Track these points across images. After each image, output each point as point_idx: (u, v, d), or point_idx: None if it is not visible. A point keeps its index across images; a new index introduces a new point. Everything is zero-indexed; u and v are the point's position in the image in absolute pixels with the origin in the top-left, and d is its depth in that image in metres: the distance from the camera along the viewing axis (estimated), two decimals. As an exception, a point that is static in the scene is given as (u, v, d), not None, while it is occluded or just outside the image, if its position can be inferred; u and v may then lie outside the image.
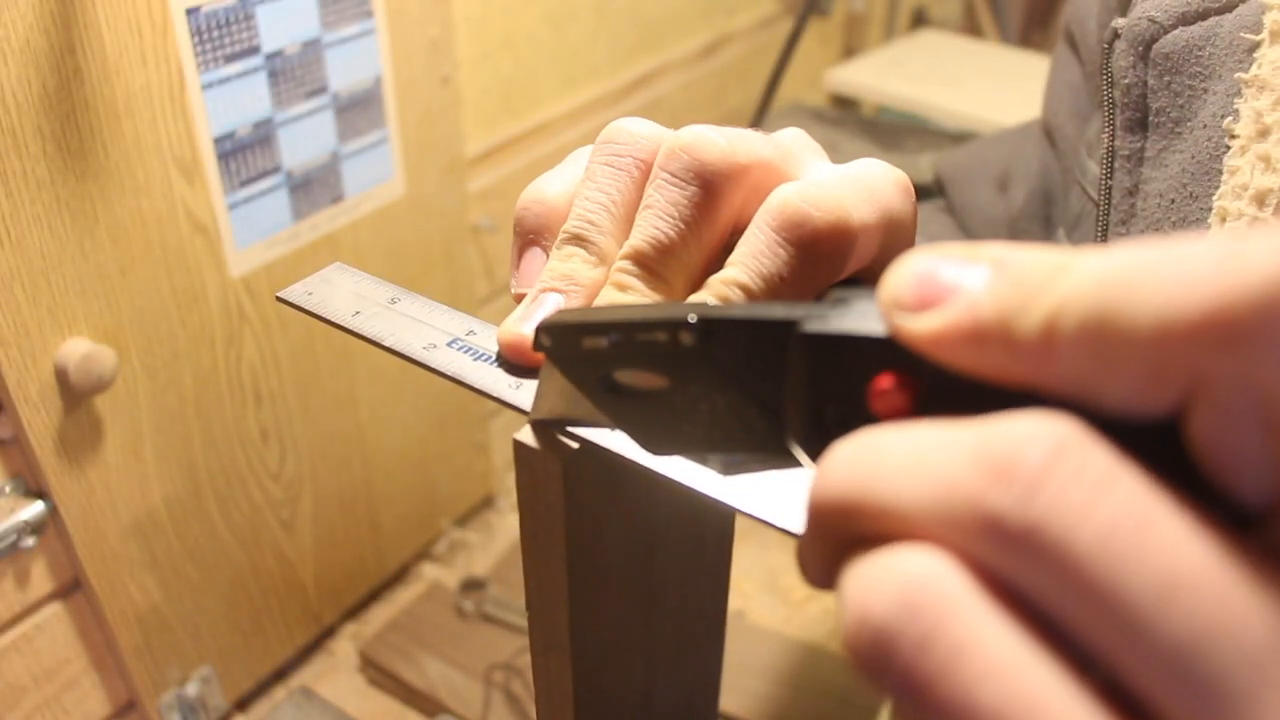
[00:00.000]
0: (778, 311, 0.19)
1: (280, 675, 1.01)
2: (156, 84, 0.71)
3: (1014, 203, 0.54)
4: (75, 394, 0.72)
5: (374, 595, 1.09)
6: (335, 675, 1.01)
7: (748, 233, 0.26)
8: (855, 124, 1.38)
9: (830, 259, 0.26)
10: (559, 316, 0.24)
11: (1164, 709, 0.13)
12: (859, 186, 0.27)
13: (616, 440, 0.26)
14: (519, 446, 0.27)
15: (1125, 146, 0.40)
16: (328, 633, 1.05)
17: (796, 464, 0.21)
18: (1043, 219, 0.52)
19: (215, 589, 0.89)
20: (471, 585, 1.07)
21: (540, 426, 0.27)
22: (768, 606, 1.07)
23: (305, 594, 0.99)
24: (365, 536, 1.05)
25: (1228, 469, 0.14)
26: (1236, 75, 0.35)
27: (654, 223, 0.27)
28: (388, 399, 1.01)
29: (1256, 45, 0.35)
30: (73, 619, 0.79)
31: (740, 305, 0.21)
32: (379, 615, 1.07)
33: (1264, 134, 0.34)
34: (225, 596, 0.91)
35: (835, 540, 0.16)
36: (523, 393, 0.28)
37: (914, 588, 0.14)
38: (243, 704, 0.97)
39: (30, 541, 0.72)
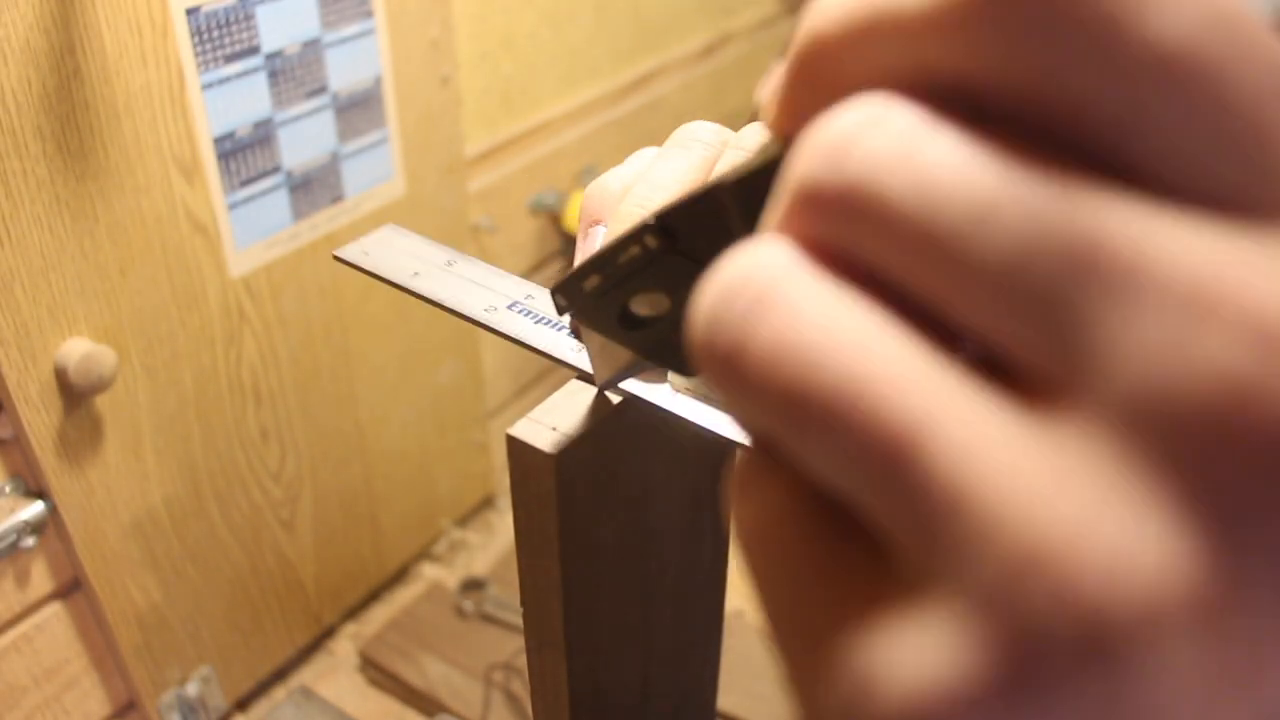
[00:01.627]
0: (712, 179, 0.20)
1: (280, 675, 1.01)
2: (156, 84, 0.71)
3: None
4: (75, 394, 0.72)
5: (374, 595, 1.09)
6: (335, 675, 1.01)
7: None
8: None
9: None
10: (563, 274, 0.26)
11: (1005, 345, 0.12)
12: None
13: (668, 398, 0.27)
14: (511, 441, 0.27)
15: None
16: (328, 633, 1.05)
17: None
18: None
19: (215, 589, 0.89)
20: (471, 585, 1.07)
21: (609, 389, 0.29)
22: (768, 607, 1.07)
23: (305, 594, 0.99)
24: (365, 536, 1.05)
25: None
26: None
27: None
28: (388, 399, 1.01)
29: None
30: (73, 619, 0.79)
31: (689, 192, 0.22)
32: (379, 615, 1.07)
33: None
34: (225, 596, 0.91)
35: None
36: (585, 356, 0.29)
37: (750, 263, 0.14)
38: (243, 704, 0.97)
39: (30, 541, 0.72)
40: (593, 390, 0.29)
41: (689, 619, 0.40)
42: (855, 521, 0.13)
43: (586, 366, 0.29)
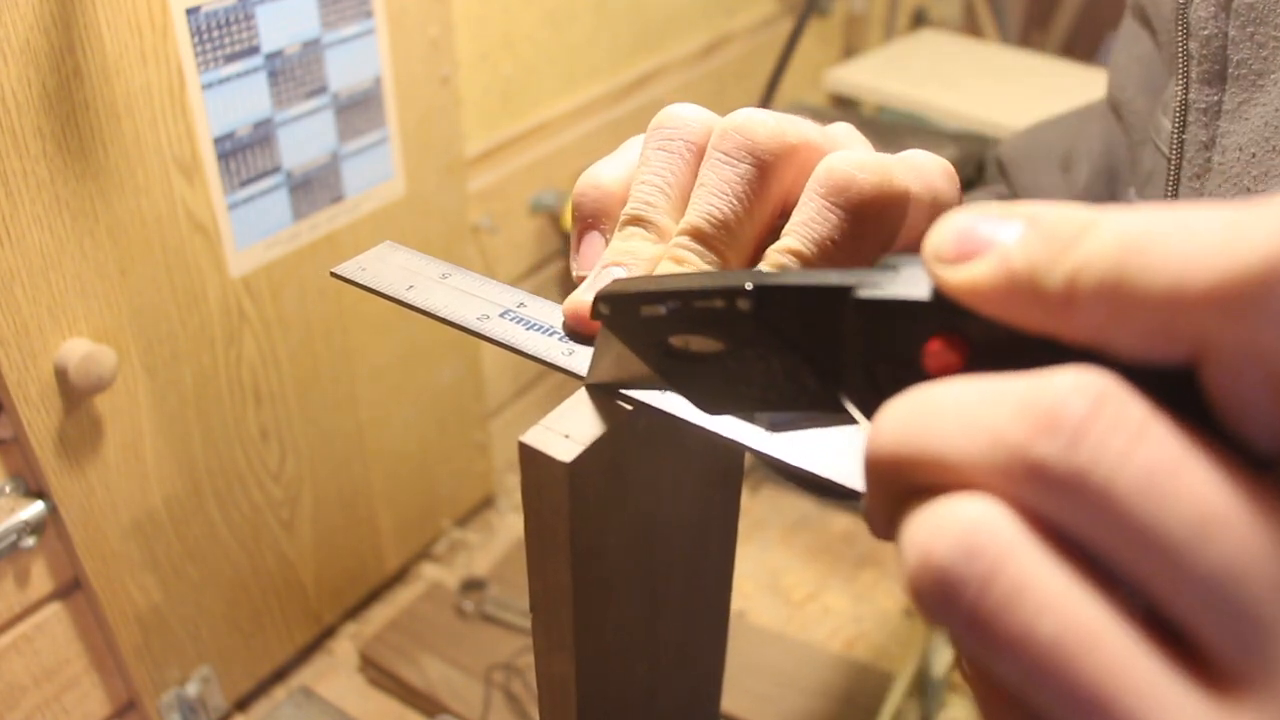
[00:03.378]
0: (832, 278, 0.20)
1: (280, 675, 1.01)
2: (156, 84, 0.71)
3: (1077, 182, 0.54)
4: (75, 394, 0.72)
5: (374, 595, 1.09)
6: (335, 675, 1.01)
7: (799, 203, 0.27)
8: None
9: (878, 220, 0.27)
10: (616, 286, 0.26)
11: (1201, 635, 0.14)
12: (904, 162, 0.29)
13: (669, 401, 0.27)
14: (524, 449, 0.27)
15: (1201, 100, 0.39)
16: (328, 633, 1.05)
17: (847, 420, 0.22)
18: (1107, 198, 0.52)
19: (215, 589, 0.89)
20: (471, 585, 1.07)
21: (596, 390, 0.29)
22: (769, 607, 1.07)
23: (305, 594, 0.99)
24: (365, 536, 1.05)
25: (1241, 419, 0.15)
26: None
27: (709, 199, 0.28)
28: (388, 399, 1.01)
29: None
30: (73, 619, 0.79)
31: (795, 272, 0.22)
32: (379, 615, 1.07)
33: None
34: (225, 596, 0.91)
35: (894, 492, 0.17)
36: (575, 359, 0.30)
37: (972, 531, 0.15)
38: (243, 704, 0.97)
39: (30, 541, 0.72)
40: (605, 397, 0.29)
41: (695, 621, 0.40)
42: None
43: (576, 369, 0.30)
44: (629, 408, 0.28)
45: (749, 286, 0.22)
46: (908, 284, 0.19)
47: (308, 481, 0.95)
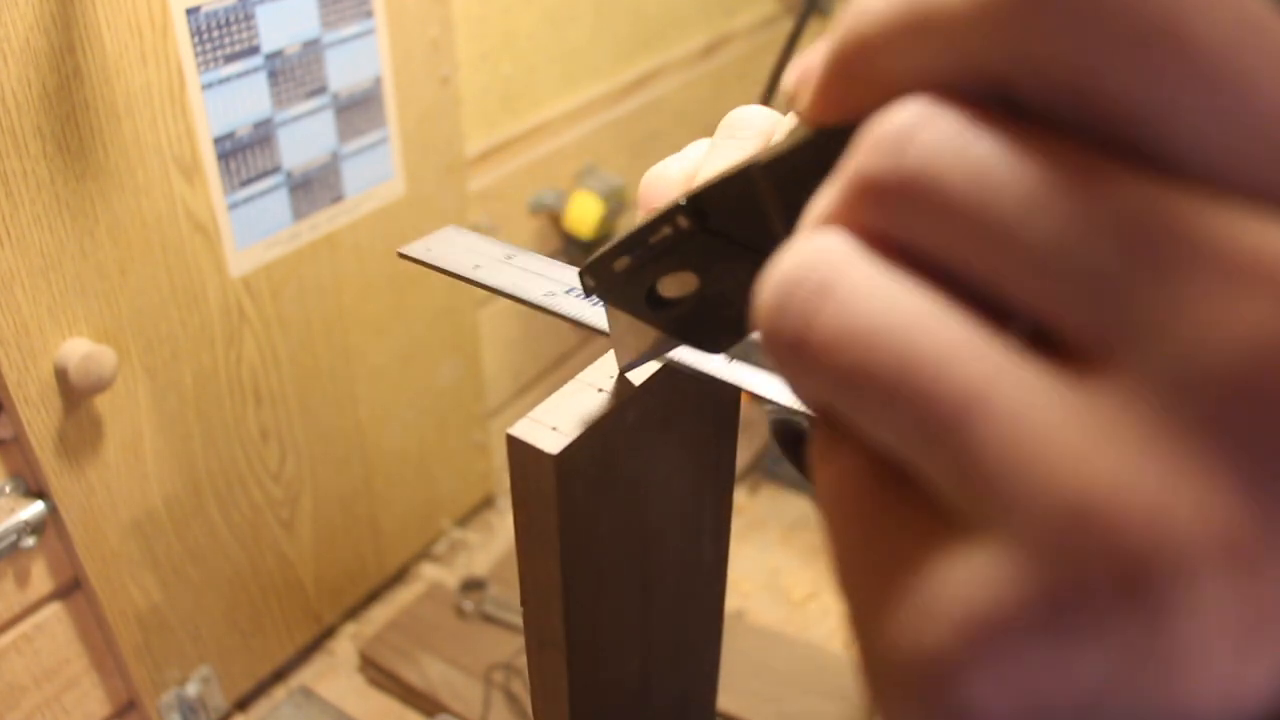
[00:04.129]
0: (742, 160, 0.21)
1: (280, 675, 1.01)
2: (156, 84, 0.71)
3: None
4: (75, 394, 0.72)
5: (374, 595, 1.09)
6: (335, 675, 1.01)
7: None
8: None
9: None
10: (592, 255, 0.26)
11: (1054, 316, 0.13)
12: None
13: (701, 360, 0.28)
14: (512, 441, 0.27)
15: None
16: (328, 633, 1.05)
17: None
18: None
19: (215, 589, 0.89)
20: (471, 585, 1.07)
21: (631, 371, 0.30)
22: (767, 606, 1.07)
23: (305, 594, 0.99)
24: (365, 536, 1.05)
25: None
26: None
27: None
28: (388, 399, 1.01)
29: None
30: (73, 619, 0.79)
31: (719, 172, 0.22)
32: (379, 615, 1.07)
33: None
34: (225, 596, 0.91)
35: None
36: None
37: (811, 251, 0.15)
38: (243, 704, 0.97)
39: (30, 541, 0.72)
40: (594, 390, 0.29)
41: (689, 618, 0.40)
42: (917, 481, 0.15)
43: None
44: (618, 399, 0.29)
45: (682, 202, 0.23)
46: (794, 133, 0.19)
47: (308, 481, 0.95)
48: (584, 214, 1.13)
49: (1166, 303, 0.12)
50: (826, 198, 0.16)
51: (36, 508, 0.73)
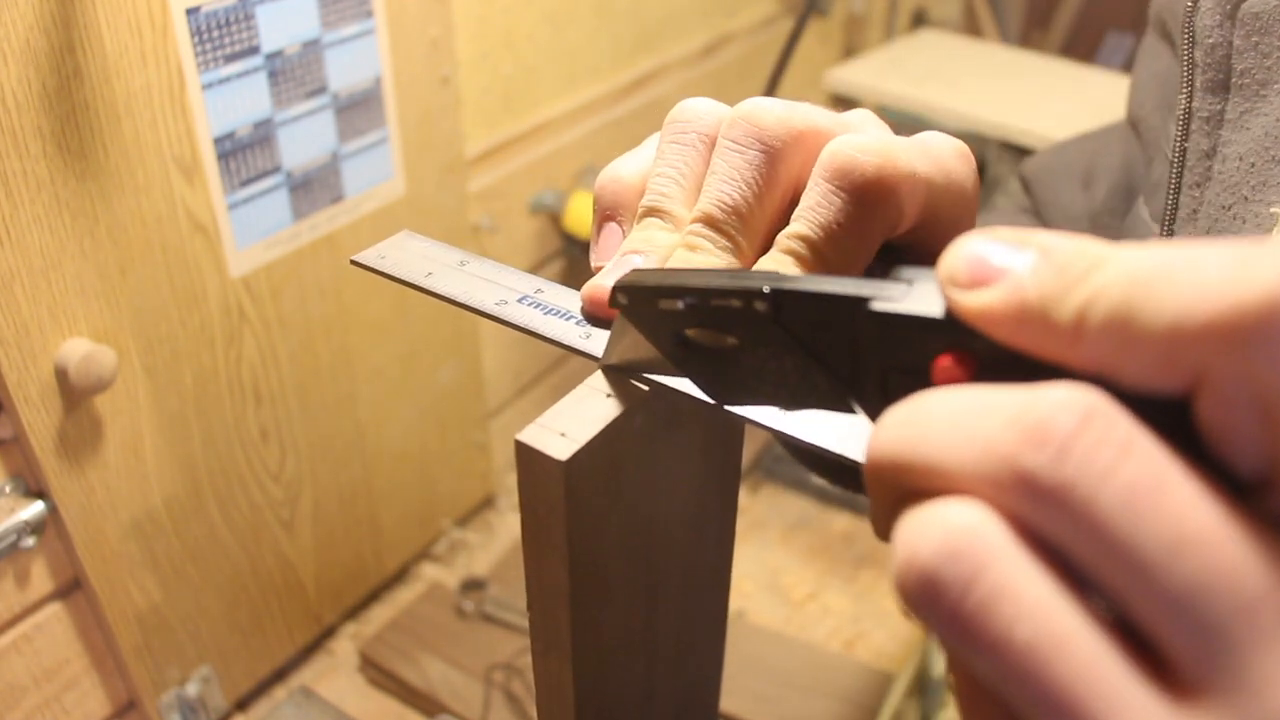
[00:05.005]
0: (848, 287, 0.21)
1: (280, 675, 1.01)
2: (156, 84, 0.71)
3: (1096, 198, 0.55)
4: (75, 394, 0.72)
5: (374, 595, 1.09)
6: (335, 675, 1.01)
7: (807, 188, 0.28)
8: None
9: (883, 202, 0.27)
10: (636, 277, 0.26)
11: (1167, 646, 0.15)
12: (914, 144, 0.29)
13: (683, 384, 0.28)
14: (520, 447, 0.27)
15: (1204, 108, 0.39)
16: (328, 633, 1.05)
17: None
18: (1124, 213, 0.52)
19: (215, 589, 0.89)
20: (471, 585, 1.07)
21: (611, 371, 0.30)
22: (768, 607, 1.07)
23: (305, 594, 0.99)
24: (365, 536, 1.05)
25: (1228, 446, 0.16)
26: None
27: (719, 186, 0.29)
28: (388, 399, 1.01)
29: None
30: (73, 619, 0.79)
31: (813, 278, 0.23)
32: (379, 615, 1.07)
33: None
34: (225, 596, 0.91)
35: (892, 495, 0.18)
36: (592, 342, 0.31)
37: (958, 534, 0.16)
38: (243, 704, 0.97)
39: (30, 541, 0.72)
40: (602, 395, 0.29)
41: (693, 621, 0.40)
42: None
43: (593, 352, 0.30)
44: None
45: (766, 290, 0.22)
46: (921, 300, 0.20)
47: (308, 481, 0.95)
48: (584, 214, 1.13)
49: (1263, 670, 0.14)
50: (959, 448, 0.17)
51: (36, 508, 0.72)
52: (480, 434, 1.16)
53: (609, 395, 0.29)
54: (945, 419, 0.17)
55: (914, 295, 0.20)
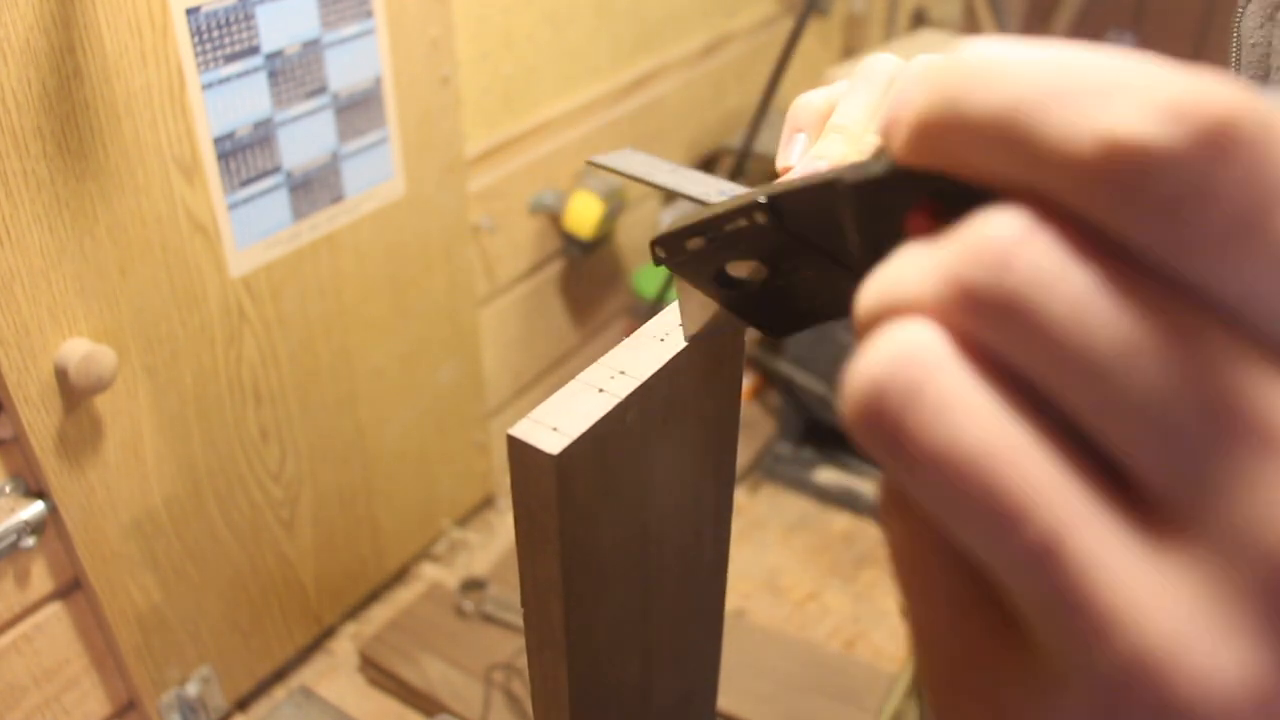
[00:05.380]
0: (827, 174, 0.22)
1: (280, 675, 1.01)
2: (156, 84, 0.71)
3: None
4: (75, 394, 0.72)
5: (374, 595, 1.09)
6: (335, 675, 1.01)
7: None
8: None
9: None
10: (666, 227, 0.28)
11: (1133, 465, 0.14)
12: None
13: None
14: (513, 442, 0.27)
15: None
16: (328, 633, 1.05)
17: None
18: None
19: (215, 589, 0.89)
20: (471, 585, 1.07)
21: (697, 341, 0.31)
22: (768, 606, 1.07)
23: (305, 594, 0.99)
24: (365, 536, 1.05)
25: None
26: None
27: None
28: (388, 399, 1.01)
29: None
30: (73, 619, 0.79)
31: (800, 177, 0.24)
32: (379, 615, 1.07)
33: None
34: (225, 596, 0.91)
35: None
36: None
37: (904, 347, 0.16)
38: (243, 704, 0.97)
39: (30, 541, 0.72)
40: (595, 391, 0.29)
41: (689, 619, 0.40)
42: (984, 571, 0.16)
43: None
44: (617, 401, 0.29)
45: (761, 200, 0.24)
46: (880, 164, 0.20)
47: (308, 481, 0.95)
48: (584, 214, 1.13)
49: (1242, 482, 0.13)
50: (916, 280, 0.16)
51: (36, 508, 0.72)
52: (480, 434, 1.16)
53: (602, 391, 0.29)
54: (909, 262, 0.17)
55: (879, 162, 0.20)
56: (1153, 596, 0.14)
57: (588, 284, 1.29)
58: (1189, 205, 0.13)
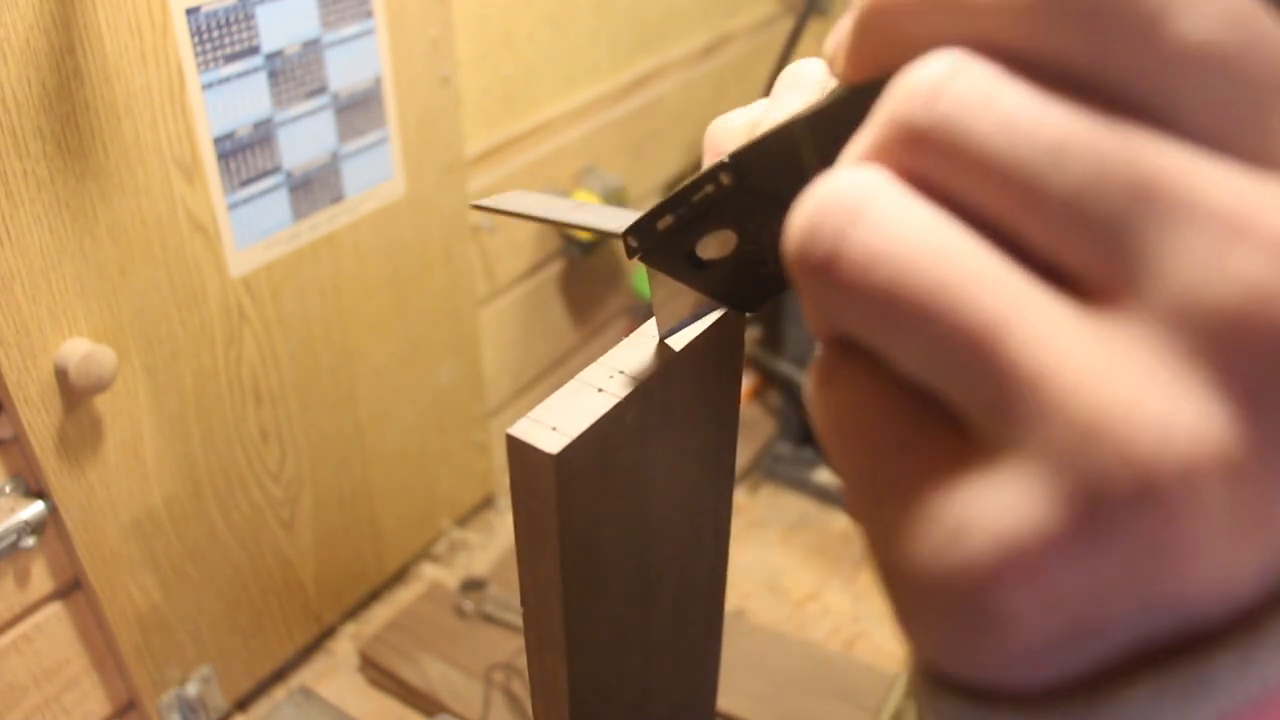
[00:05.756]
0: (787, 119, 0.22)
1: (280, 675, 1.01)
2: (156, 84, 0.71)
3: None
4: (75, 394, 0.72)
5: (374, 595, 1.09)
6: (335, 675, 1.01)
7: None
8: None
9: None
10: (636, 218, 0.28)
11: (1074, 259, 0.15)
12: None
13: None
14: (512, 441, 0.27)
15: None
16: (328, 633, 1.05)
17: None
18: None
19: (215, 589, 0.89)
20: (471, 585, 1.07)
21: (670, 336, 0.31)
22: (767, 606, 1.07)
23: (305, 594, 0.99)
24: (365, 536, 1.05)
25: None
26: None
27: None
28: (388, 399, 1.01)
29: None
30: (73, 619, 0.79)
31: (761, 135, 0.24)
32: (379, 615, 1.07)
33: None
34: (225, 596, 0.91)
35: None
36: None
37: (844, 182, 0.16)
38: (243, 704, 0.97)
39: (30, 541, 0.72)
40: (594, 390, 0.29)
41: (689, 619, 0.40)
42: (933, 401, 0.16)
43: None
44: (620, 398, 0.29)
45: (725, 160, 0.24)
46: (831, 94, 0.21)
47: (308, 481, 0.95)
48: (584, 214, 1.13)
49: (1171, 250, 0.14)
50: (860, 141, 0.17)
51: (36, 508, 0.73)
52: (480, 434, 1.16)
53: (601, 390, 0.29)
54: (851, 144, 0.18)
55: (829, 93, 0.21)
56: (1103, 364, 0.14)
57: (587, 284, 1.29)
58: (1101, 14, 0.15)
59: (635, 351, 0.30)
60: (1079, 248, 0.15)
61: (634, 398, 0.28)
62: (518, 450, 0.27)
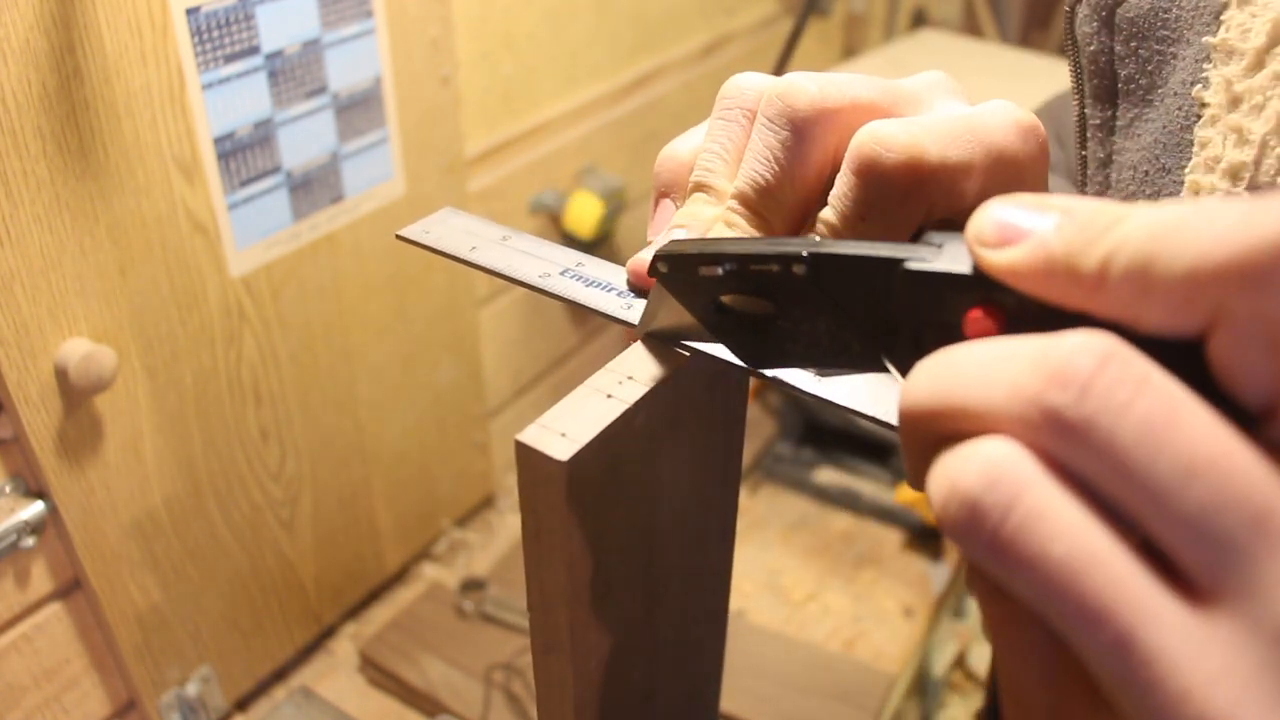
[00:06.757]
0: (883, 251, 0.23)
1: (280, 675, 1.01)
2: (156, 84, 0.71)
3: (1070, 156, 0.57)
4: (75, 394, 0.72)
5: (374, 595, 1.09)
6: (335, 675, 1.01)
7: (840, 172, 0.29)
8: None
9: (905, 196, 0.27)
10: (675, 246, 0.27)
11: (1187, 562, 0.17)
12: (958, 126, 0.28)
13: (717, 350, 0.29)
14: (521, 448, 0.27)
15: (1096, 116, 0.39)
16: (328, 633, 1.05)
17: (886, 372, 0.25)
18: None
19: (215, 589, 0.89)
20: (471, 585, 1.07)
21: (649, 339, 0.31)
22: (768, 607, 1.07)
23: (305, 594, 0.99)
24: (365, 536, 1.05)
25: (1238, 380, 0.18)
26: (1204, 39, 0.33)
27: (752, 165, 0.30)
28: (388, 399, 1.01)
29: (1224, 7, 0.33)
30: (73, 619, 0.79)
31: (849, 242, 0.24)
32: (379, 615, 1.07)
33: (1235, 103, 0.32)
34: (225, 596, 0.91)
35: (925, 442, 0.20)
36: (633, 313, 0.32)
37: (995, 465, 0.18)
38: (243, 704, 0.97)
39: (30, 541, 0.72)
40: (603, 396, 0.29)
41: (693, 621, 0.40)
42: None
43: (634, 321, 0.31)
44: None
45: (805, 254, 0.24)
46: (952, 260, 0.21)
47: (308, 481, 0.95)
48: (584, 214, 1.13)
49: (1273, 573, 0.16)
50: (988, 388, 0.19)
51: (36, 508, 0.72)
52: (480, 434, 1.16)
53: (610, 396, 0.29)
54: (974, 366, 0.19)
55: (945, 256, 0.22)
56: (1210, 672, 0.16)
57: (587, 284, 1.28)
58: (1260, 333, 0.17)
59: (644, 357, 0.30)
60: (1196, 555, 0.17)
61: (643, 404, 0.28)
62: (526, 456, 0.27)
